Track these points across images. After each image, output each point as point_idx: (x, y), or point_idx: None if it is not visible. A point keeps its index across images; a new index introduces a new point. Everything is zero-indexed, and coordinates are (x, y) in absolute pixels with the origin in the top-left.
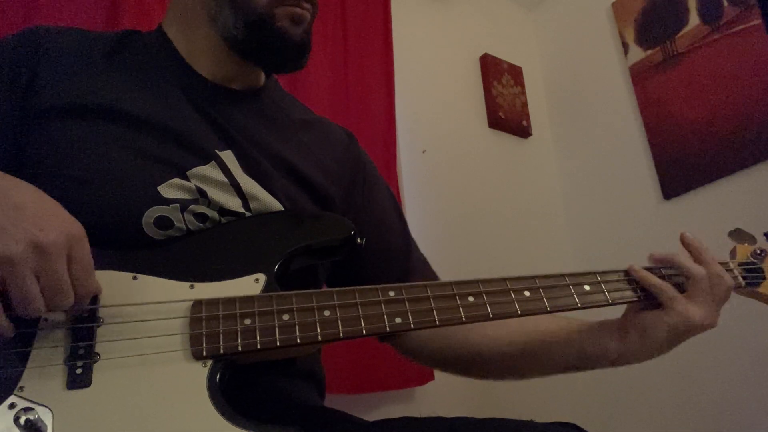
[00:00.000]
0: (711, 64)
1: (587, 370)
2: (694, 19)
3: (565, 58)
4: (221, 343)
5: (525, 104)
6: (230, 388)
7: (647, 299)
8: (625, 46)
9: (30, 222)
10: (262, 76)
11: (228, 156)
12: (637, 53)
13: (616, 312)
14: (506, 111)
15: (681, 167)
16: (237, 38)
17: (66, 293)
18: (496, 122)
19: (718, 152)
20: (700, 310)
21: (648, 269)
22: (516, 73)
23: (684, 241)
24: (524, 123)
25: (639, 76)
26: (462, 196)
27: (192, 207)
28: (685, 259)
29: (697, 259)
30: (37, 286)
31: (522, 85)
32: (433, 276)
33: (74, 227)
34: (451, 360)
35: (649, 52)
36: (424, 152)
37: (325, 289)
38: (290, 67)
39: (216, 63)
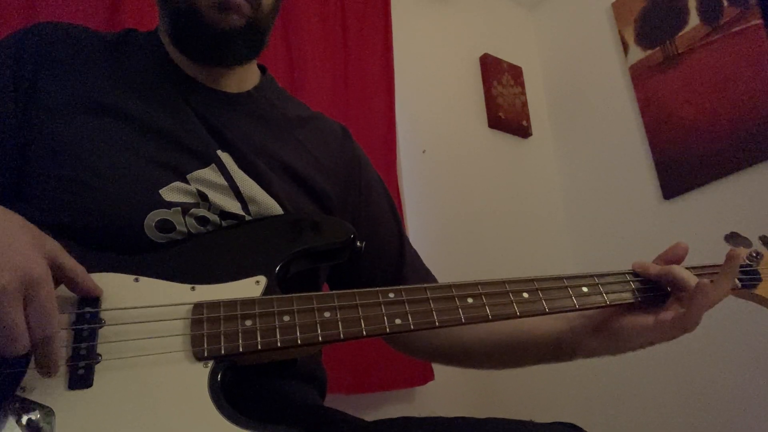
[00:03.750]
0: (711, 64)
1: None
2: (694, 19)
3: (565, 58)
4: (222, 343)
5: (525, 104)
6: (231, 389)
7: (643, 302)
8: (625, 46)
9: None
10: (255, 76)
11: (226, 158)
12: (637, 53)
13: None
14: (506, 111)
15: (681, 167)
16: (169, 33)
17: (15, 340)
18: (496, 122)
19: (718, 152)
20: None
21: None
22: (516, 73)
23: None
24: (524, 123)
25: (639, 76)
26: (462, 196)
27: (193, 210)
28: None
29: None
30: None
31: (522, 85)
32: (425, 270)
33: (35, 267)
34: (439, 352)
35: (649, 52)
36: (424, 152)
37: (325, 291)
38: (227, 59)
39: (191, 64)
